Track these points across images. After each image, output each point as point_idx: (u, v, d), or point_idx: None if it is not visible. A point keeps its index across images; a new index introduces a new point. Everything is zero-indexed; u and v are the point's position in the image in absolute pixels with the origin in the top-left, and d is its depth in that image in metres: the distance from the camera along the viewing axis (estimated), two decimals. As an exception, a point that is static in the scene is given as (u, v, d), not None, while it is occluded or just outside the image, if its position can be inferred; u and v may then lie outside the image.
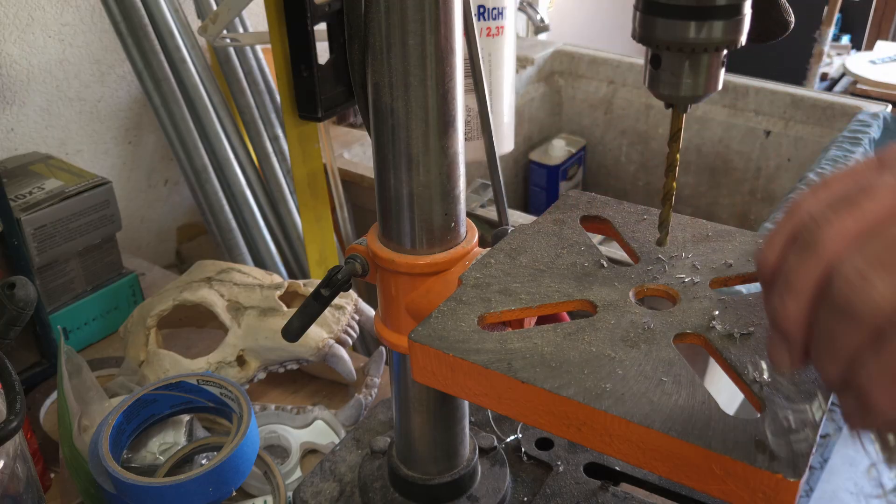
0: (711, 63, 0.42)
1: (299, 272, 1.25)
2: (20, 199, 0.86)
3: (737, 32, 0.41)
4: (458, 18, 0.48)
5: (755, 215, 1.70)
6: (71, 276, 0.91)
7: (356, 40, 0.50)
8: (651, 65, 0.42)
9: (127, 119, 1.25)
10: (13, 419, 0.52)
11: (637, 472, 0.66)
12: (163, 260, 1.38)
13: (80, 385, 0.71)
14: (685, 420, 0.37)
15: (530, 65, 1.81)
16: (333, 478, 0.67)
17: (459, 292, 0.48)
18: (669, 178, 0.47)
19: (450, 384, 0.44)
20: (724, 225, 0.53)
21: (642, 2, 0.41)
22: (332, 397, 0.86)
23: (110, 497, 0.63)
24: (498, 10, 1.00)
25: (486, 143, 0.93)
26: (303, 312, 0.55)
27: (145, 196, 1.32)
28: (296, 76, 0.89)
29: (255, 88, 1.18)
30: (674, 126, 0.46)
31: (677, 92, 0.43)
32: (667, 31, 0.41)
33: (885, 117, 1.43)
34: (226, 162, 1.15)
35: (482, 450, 0.67)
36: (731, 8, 0.40)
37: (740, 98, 1.63)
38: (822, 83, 2.45)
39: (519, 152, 1.85)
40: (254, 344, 0.78)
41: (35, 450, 0.72)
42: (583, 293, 0.47)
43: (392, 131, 0.50)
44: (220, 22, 0.96)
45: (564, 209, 0.57)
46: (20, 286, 0.61)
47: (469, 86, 0.87)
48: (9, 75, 1.08)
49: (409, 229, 0.53)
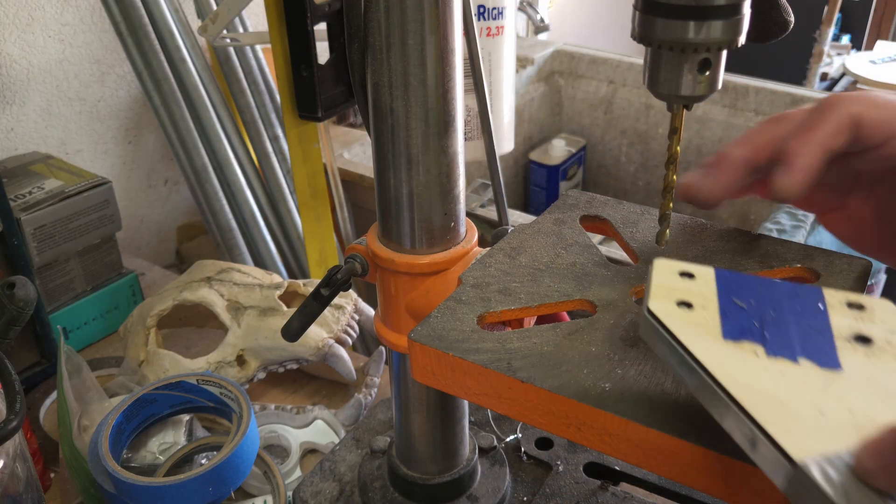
0: (711, 63, 0.42)
1: (299, 272, 1.25)
2: (20, 198, 0.86)
3: (736, 32, 0.41)
4: (458, 18, 0.48)
5: (755, 215, 1.70)
6: (71, 276, 0.91)
7: (356, 40, 0.50)
8: (699, 71, 0.42)
9: (127, 119, 1.25)
10: (13, 419, 0.52)
11: (637, 472, 0.66)
12: (163, 260, 1.38)
13: (80, 385, 0.71)
14: (685, 420, 0.37)
15: (530, 65, 1.81)
16: (333, 477, 0.67)
17: (459, 292, 0.48)
18: (670, 172, 0.47)
19: (449, 384, 0.44)
20: (724, 225, 0.53)
21: (641, 1, 0.41)
22: (331, 397, 0.86)
23: (110, 497, 0.63)
24: (498, 10, 1.00)
25: (486, 143, 0.93)
26: (302, 312, 0.55)
27: (145, 196, 1.32)
28: (296, 76, 0.89)
29: (255, 88, 1.18)
30: (673, 123, 0.46)
31: (677, 92, 0.43)
32: (666, 31, 0.41)
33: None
34: (226, 162, 1.15)
35: (482, 449, 0.67)
36: (731, 8, 0.40)
37: (740, 98, 1.63)
38: (822, 83, 2.45)
39: (519, 152, 1.85)
40: (254, 344, 0.78)
41: (35, 450, 0.72)
42: (582, 293, 0.47)
43: (392, 131, 0.50)
44: (220, 22, 0.96)
45: (564, 209, 0.57)
46: (20, 286, 0.61)
47: (469, 86, 0.87)
48: (9, 75, 1.08)
49: (408, 229, 0.53)
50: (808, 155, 0.43)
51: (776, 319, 0.38)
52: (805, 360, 0.35)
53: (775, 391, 0.33)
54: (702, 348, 0.35)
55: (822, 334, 0.37)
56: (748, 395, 0.33)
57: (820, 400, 0.33)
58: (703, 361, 0.35)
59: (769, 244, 0.51)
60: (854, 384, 0.34)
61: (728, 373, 0.34)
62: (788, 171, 0.43)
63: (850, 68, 2.34)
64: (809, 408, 0.33)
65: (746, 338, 0.36)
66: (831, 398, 0.33)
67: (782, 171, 0.43)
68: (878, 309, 0.39)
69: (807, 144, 0.43)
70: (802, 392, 0.34)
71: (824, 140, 0.42)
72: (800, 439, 0.31)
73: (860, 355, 0.36)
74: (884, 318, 0.38)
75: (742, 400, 0.33)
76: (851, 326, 0.38)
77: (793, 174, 0.43)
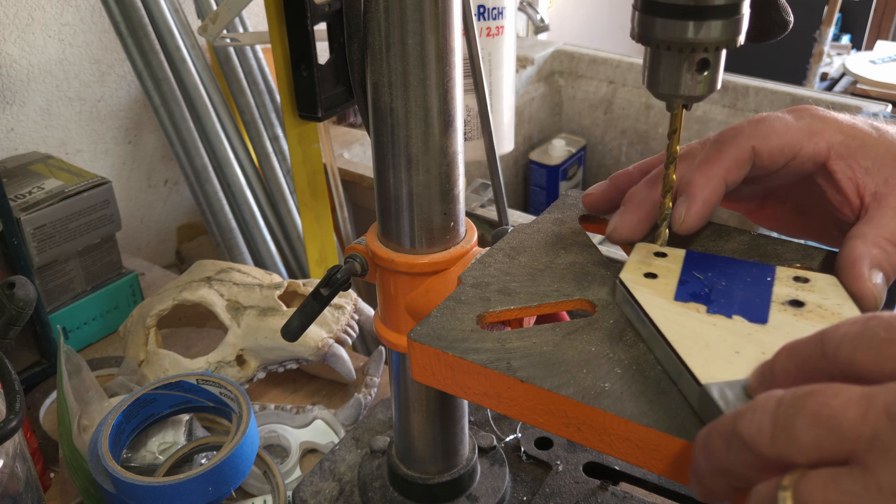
0: (710, 63, 0.42)
1: (299, 272, 1.25)
2: (20, 198, 0.86)
3: (735, 32, 0.41)
4: (458, 18, 0.48)
5: (755, 215, 1.70)
6: (71, 276, 0.91)
7: (356, 40, 0.50)
8: (698, 71, 0.42)
9: (127, 119, 1.25)
10: (13, 419, 0.52)
11: (637, 472, 0.66)
12: (163, 260, 1.38)
13: (80, 385, 0.71)
14: (684, 419, 0.37)
15: (530, 65, 1.81)
16: (333, 477, 0.67)
17: (458, 291, 0.48)
18: (670, 171, 0.47)
19: (449, 383, 0.44)
20: (724, 225, 0.53)
21: (641, 1, 0.41)
22: (331, 397, 0.86)
23: (110, 497, 0.63)
24: (498, 10, 1.00)
25: (486, 143, 0.93)
26: (302, 312, 0.55)
27: (145, 196, 1.32)
28: (296, 76, 0.89)
29: (255, 88, 1.18)
30: (673, 125, 0.46)
31: (676, 91, 0.43)
32: (665, 31, 0.41)
33: (885, 117, 1.43)
34: (226, 162, 1.15)
35: (481, 449, 0.67)
36: (730, 7, 0.40)
37: (740, 98, 1.63)
38: (822, 83, 2.45)
39: (519, 152, 1.85)
40: (253, 343, 0.78)
41: (35, 449, 0.72)
42: (582, 293, 0.47)
43: (391, 131, 0.50)
44: (220, 22, 0.96)
45: (564, 209, 0.57)
46: (20, 286, 0.61)
47: (469, 86, 0.87)
48: (9, 75, 1.08)
49: (408, 229, 0.53)
50: (707, 188, 0.46)
51: (725, 288, 0.45)
52: (738, 317, 0.42)
53: (703, 336, 0.40)
54: (653, 306, 0.43)
55: (761, 299, 0.43)
56: (679, 339, 0.40)
57: (740, 344, 0.40)
58: (652, 316, 0.42)
59: (769, 244, 0.51)
60: (774, 334, 0.40)
61: (668, 323, 0.41)
62: (689, 204, 0.46)
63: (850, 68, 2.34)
64: (728, 349, 0.39)
65: (694, 300, 0.44)
66: (750, 343, 0.40)
67: (683, 204, 0.46)
68: (821, 281, 0.45)
69: (706, 178, 0.46)
70: (726, 338, 0.40)
71: (723, 174, 0.46)
72: (711, 369, 0.38)
73: (789, 315, 0.42)
74: (823, 289, 0.44)
75: (673, 342, 0.40)
76: (790, 294, 0.44)
77: (692, 207, 0.46)
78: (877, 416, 0.27)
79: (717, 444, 0.32)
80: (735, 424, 0.31)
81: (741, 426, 0.30)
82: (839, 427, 0.28)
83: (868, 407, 0.27)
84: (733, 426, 0.31)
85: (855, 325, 0.31)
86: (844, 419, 0.28)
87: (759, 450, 0.30)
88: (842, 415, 0.28)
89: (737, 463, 0.31)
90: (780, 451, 0.29)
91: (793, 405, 0.29)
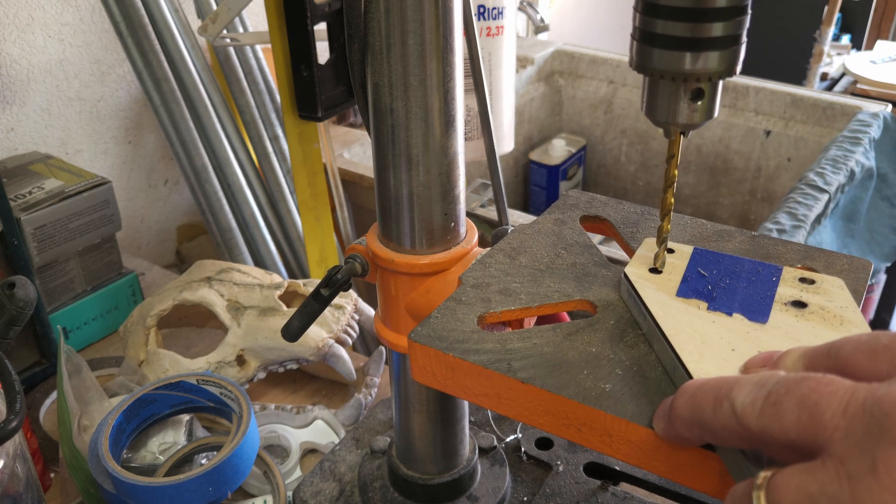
0: (705, 93, 0.42)
1: (299, 272, 1.25)
2: (20, 198, 0.86)
3: (732, 62, 0.41)
4: (458, 18, 0.48)
5: (755, 215, 1.70)
6: (71, 276, 0.91)
7: (356, 40, 0.50)
8: (692, 100, 0.42)
9: (127, 119, 1.25)
10: (13, 419, 0.52)
11: (637, 472, 0.66)
12: (163, 260, 1.38)
13: (80, 385, 0.71)
14: (685, 420, 0.37)
15: (530, 65, 1.81)
16: (333, 477, 0.67)
17: (459, 292, 0.48)
18: (668, 195, 0.46)
19: (449, 384, 0.44)
20: (724, 225, 0.53)
21: (639, 31, 0.42)
22: (331, 397, 0.86)
23: (110, 497, 0.63)
24: (498, 10, 1.00)
25: (486, 143, 0.93)
26: (302, 312, 0.55)
27: (145, 196, 1.32)
28: (296, 76, 0.89)
29: (255, 88, 1.18)
30: (671, 150, 0.46)
31: (674, 120, 0.43)
32: (662, 61, 0.41)
33: (885, 117, 1.43)
34: (226, 162, 1.15)
35: (482, 449, 0.67)
36: (726, 39, 0.40)
37: (740, 98, 1.63)
38: (822, 83, 2.45)
39: (519, 152, 1.85)
40: (253, 344, 0.78)
41: (35, 450, 0.72)
42: (582, 293, 0.47)
43: (392, 131, 0.50)
44: (220, 22, 0.96)
45: (564, 209, 0.57)
46: (20, 286, 0.61)
47: (469, 86, 0.87)
48: (9, 75, 1.08)
49: (408, 229, 0.53)
50: None
51: (728, 286, 0.45)
52: (738, 315, 0.42)
53: (701, 332, 0.41)
54: (654, 301, 0.43)
55: (764, 298, 0.43)
56: (676, 333, 0.40)
57: (736, 342, 0.40)
58: (652, 310, 0.43)
59: (769, 244, 0.51)
60: (773, 334, 0.41)
61: (667, 318, 0.42)
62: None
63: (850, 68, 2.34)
64: (724, 346, 0.40)
65: (696, 297, 0.44)
66: (747, 341, 0.40)
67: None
68: (826, 284, 0.45)
69: None
70: (724, 335, 0.40)
71: None
72: (705, 365, 0.38)
73: (790, 316, 0.42)
74: (828, 291, 0.44)
75: (670, 336, 0.40)
76: (794, 295, 0.44)
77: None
78: (854, 410, 0.28)
79: (706, 401, 0.33)
80: (731, 389, 0.32)
81: (736, 394, 0.32)
82: (821, 416, 0.29)
83: (850, 401, 0.29)
84: (729, 390, 0.32)
85: (864, 335, 0.33)
86: (827, 409, 0.29)
87: (745, 420, 0.31)
88: (827, 403, 0.29)
89: (719, 424, 0.32)
90: (764, 426, 0.30)
91: (786, 385, 0.30)
